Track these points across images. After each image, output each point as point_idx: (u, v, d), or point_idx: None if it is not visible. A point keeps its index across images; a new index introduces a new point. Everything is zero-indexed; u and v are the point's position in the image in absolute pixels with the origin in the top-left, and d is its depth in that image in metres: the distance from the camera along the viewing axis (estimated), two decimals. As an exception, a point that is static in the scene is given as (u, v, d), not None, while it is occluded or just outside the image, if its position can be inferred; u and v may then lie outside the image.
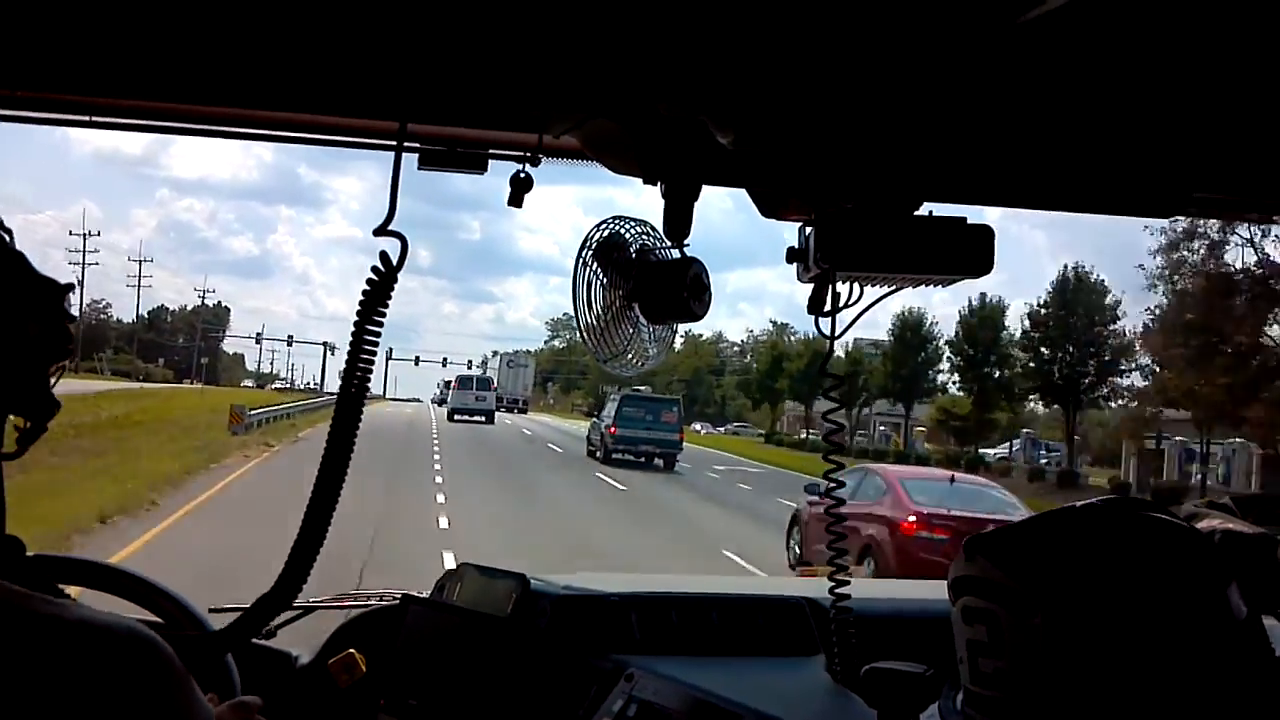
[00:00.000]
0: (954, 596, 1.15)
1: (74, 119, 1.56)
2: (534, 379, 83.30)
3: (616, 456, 32.28)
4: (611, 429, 32.70)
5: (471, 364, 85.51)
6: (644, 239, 1.55)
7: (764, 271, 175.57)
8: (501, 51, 1.29)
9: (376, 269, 1.36)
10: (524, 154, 1.54)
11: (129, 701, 0.97)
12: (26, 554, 1.27)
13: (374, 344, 1.37)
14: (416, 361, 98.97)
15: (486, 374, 66.42)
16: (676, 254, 1.53)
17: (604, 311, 1.54)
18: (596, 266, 1.53)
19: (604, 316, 1.54)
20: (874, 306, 1.55)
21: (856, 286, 1.53)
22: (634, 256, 1.53)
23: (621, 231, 1.55)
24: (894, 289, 1.56)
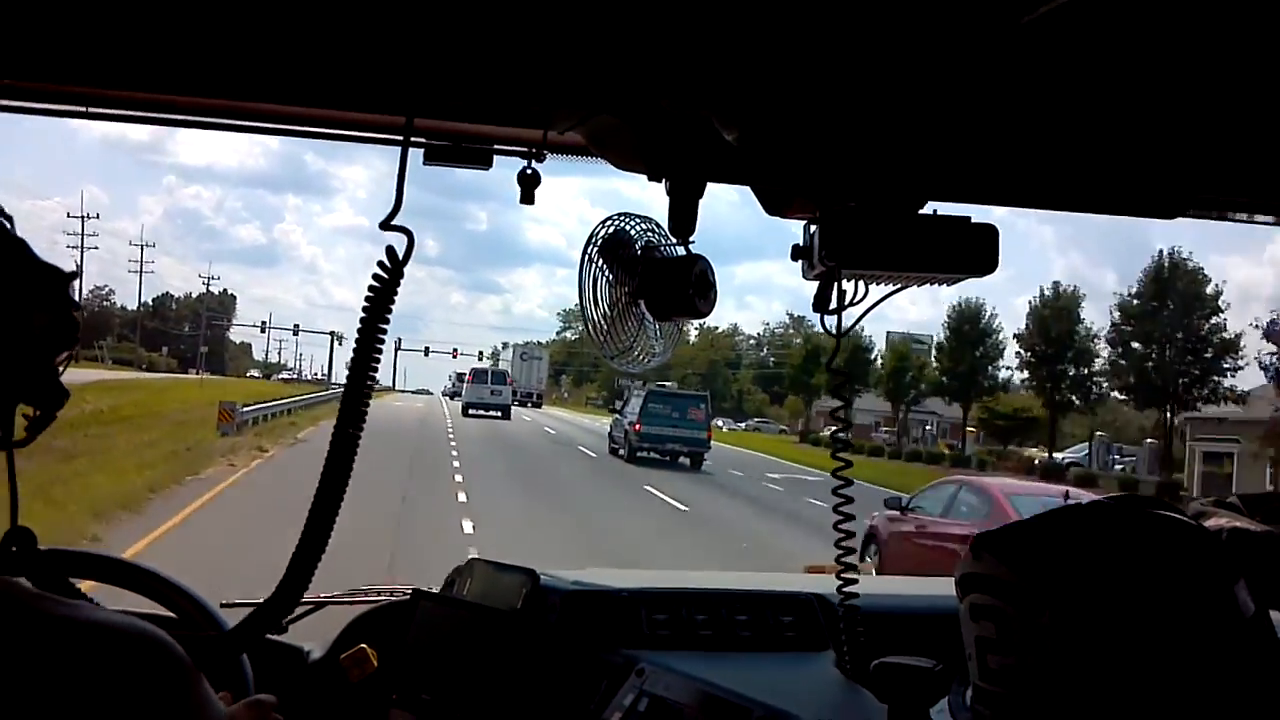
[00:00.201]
0: (961, 594, 1.16)
1: (74, 110, 1.55)
2: (547, 371, 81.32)
3: (641, 455, 31.15)
4: (636, 426, 31.42)
5: (482, 355, 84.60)
6: (649, 236, 1.55)
7: (771, 264, 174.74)
8: (507, 47, 1.29)
9: (383, 264, 1.36)
10: (529, 150, 1.55)
11: (141, 703, 0.98)
12: (39, 547, 1.28)
13: (381, 340, 1.37)
14: (426, 352, 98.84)
15: (500, 367, 64.95)
16: (681, 251, 1.54)
17: (610, 308, 1.54)
18: (602, 263, 1.53)
19: (610, 313, 1.54)
20: (879, 304, 1.54)
21: (861, 284, 1.53)
22: (639, 253, 1.54)
23: (627, 228, 1.55)
24: (899, 287, 1.55)
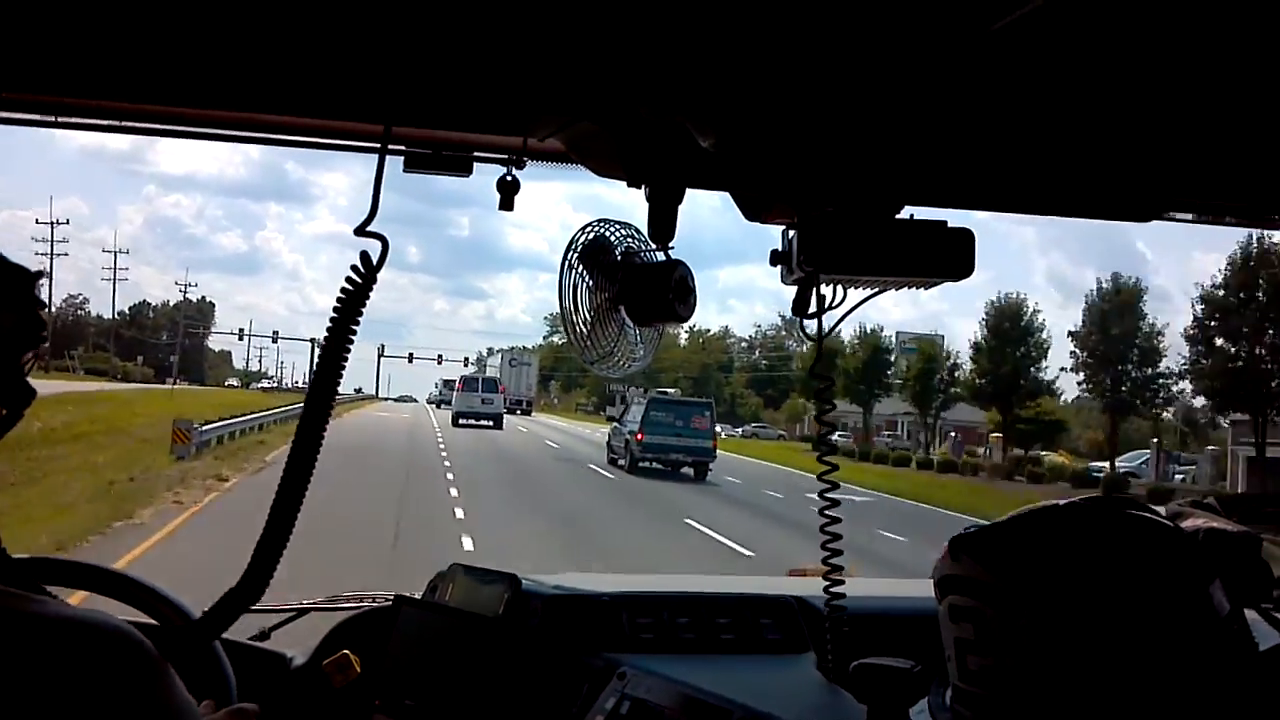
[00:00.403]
0: (940, 595, 1.17)
1: (42, 120, 1.53)
2: (536, 378, 79.19)
3: (644, 465, 29.48)
4: (639, 435, 29.59)
5: (468, 361, 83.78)
6: (629, 242, 1.55)
7: (753, 268, 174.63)
8: (485, 55, 1.29)
9: (356, 268, 1.37)
10: (509, 157, 1.55)
11: (108, 695, 0.99)
12: (11, 556, 1.27)
13: (350, 341, 1.38)
14: (410, 359, 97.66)
15: (487, 373, 63.42)
16: (661, 256, 1.54)
17: (590, 314, 1.54)
18: (582, 269, 1.54)
19: (591, 319, 1.54)
20: (857, 309, 1.56)
21: (840, 289, 1.54)
22: (619, 259, 1.54)
23: (607, 234, 1.55)
24: (877, 291, 1.57)
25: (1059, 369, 48.08)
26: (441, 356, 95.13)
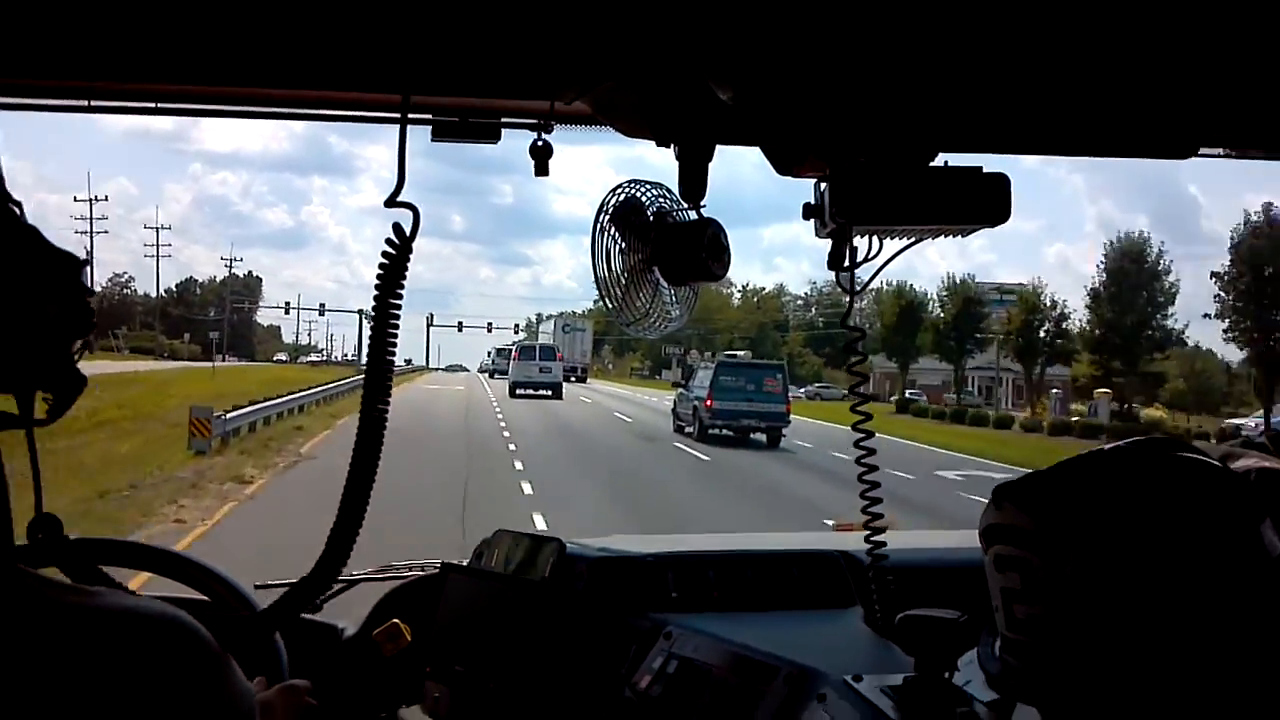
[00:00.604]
0: (986, 545, 1.16)
1: (75, 105, 1.54)
2: (591, 343, 75.67)
3: (714, 433, 28.11)
4: (708, 401, 28.17)
5: (518, 328, 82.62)
6: (660, 202, 1.55)
7: (798, 225, 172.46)
8: (506, 18, 1.28)
9: (391, 241, 1.36)
10: (537, 121, 1.54)
11: (162, 687, 0.96)
12: (65, 535, 1.28)
13: (397, 315, 1.38)
14: (460, 328, 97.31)
15: (541, 340, 61.27)
16: (694, 215, 1.53)
17: (624, 276, 1.54)
18: (614, 231, 1.53)
19: (625, 281, 1.54)
20: (894, 259, 1.54)
21: (875, 241, 1.52)
22: (651, 220, 1.54)
23: (638, 195, 1.55)
24: (912, 241, 1.55)
25: (1200, 315, 43.68)
26: (491, 324, 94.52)
